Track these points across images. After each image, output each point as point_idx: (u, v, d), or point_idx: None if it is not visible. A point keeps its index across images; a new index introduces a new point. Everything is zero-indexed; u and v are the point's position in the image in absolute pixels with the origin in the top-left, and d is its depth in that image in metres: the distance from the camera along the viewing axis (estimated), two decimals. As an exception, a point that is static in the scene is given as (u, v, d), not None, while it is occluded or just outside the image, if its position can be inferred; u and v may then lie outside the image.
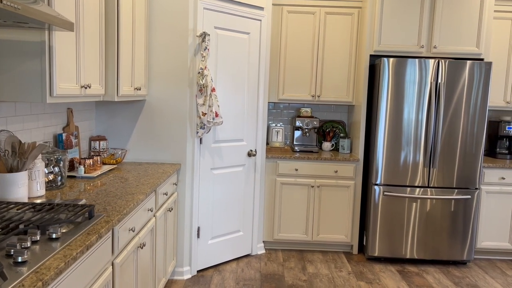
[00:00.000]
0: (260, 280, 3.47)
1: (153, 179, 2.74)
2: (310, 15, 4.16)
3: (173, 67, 3.30)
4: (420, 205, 3.84)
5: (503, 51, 4.15)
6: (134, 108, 3.34)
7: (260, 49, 3.81)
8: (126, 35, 2.76)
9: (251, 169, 3.89)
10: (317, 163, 4.00)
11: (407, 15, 3.84)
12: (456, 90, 3.73)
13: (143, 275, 2.47)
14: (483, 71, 3.70)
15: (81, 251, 1.53)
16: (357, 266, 3.83)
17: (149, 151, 3.37)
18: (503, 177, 3.95)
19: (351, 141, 4.31)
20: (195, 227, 3.49)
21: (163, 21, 3.25)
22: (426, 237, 3.87)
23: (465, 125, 3.76)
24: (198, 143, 3.43)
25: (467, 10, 3.82)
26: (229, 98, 3.61)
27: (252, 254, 4.00)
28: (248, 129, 3.82)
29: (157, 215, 2.74)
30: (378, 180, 3.84)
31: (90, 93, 2.36)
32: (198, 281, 3.42)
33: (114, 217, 1.90)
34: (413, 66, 3.71)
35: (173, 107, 3.33)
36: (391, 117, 3.77)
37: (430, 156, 3.79)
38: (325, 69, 4.22)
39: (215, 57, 3.46)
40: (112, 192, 2.34)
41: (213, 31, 3.41)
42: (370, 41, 3.91)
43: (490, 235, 4.02)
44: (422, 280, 3.58)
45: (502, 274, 3.78)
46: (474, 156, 3.78)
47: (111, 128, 3.36)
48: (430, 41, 3.87)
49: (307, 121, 4.35)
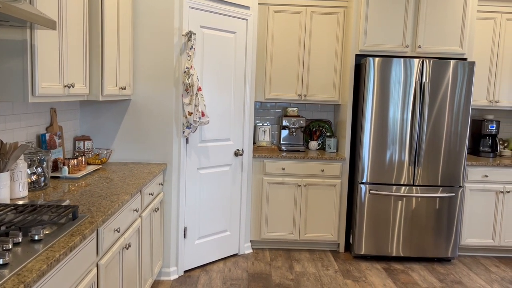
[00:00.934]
0: (247, 280, 3.47)
1: (139, 179, 2.72)
2: (296, 14, 4.17)
3: (158, 66, 3.27)
4: (406, 203, 3.88)
5: (486, 50, 4.22)
6: (120, 108, 3.31)
7: (247, 49, 3.81)
8: (111, 34, 2.73)
9: (238, 168, 3.88)
10: (304, 162, 4.02)
11: (392, 15, 3.88)
12: (440, 89, 3.77)
13: (128, 276, 2.45)
14: (466, 70, 3.75)
15: (64, 253, 1.51)
16: (343, 264, 3.86)
17: (134, 151, 3.34)
18: (486, 175, 4.01)
19: (337, 140, 4.34)
20: (182, 227, 3.47)
21: (148, 20, 3.23)
22: (411, 235, 3.91)
23: (449, 124, 3.81)
24: (185, 142, 3.41)
25: (450, 10, 3.87)
26: (215, 97, 3.60)
27: (239, 253, 4.00)
28: (235, 128, 3.82)
29: (143, 215, 2.72)
30: (364, 179, 3.87)
31: (74, 92, 2.33)
32: (185, 282, 3.40)
33: (98, 218, 1.88)
34: (398, 65, 3.74)
35: (159, 107, 3.30)
36: (376, 116, 3.80)
37: (415, 154, 3.83)
38: (312, 69, 4.24)
39: (201, 56, 3.44)
40: (97, 193, 2.32)
41: (199, 30, 3.40)
42: (355, 41, 3.94)
43: (473, 232, 4.08)
44: (407, 277, 3.62)
45: (485, 270, 3.84)
46: (458, 155, 3.84)
47: (96, 128, 3.32)
48: (415, 41, 3.91)
49: (294, 121, 4.36)
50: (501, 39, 4.19)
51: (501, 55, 4.21)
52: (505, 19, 4.17)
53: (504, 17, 4.17)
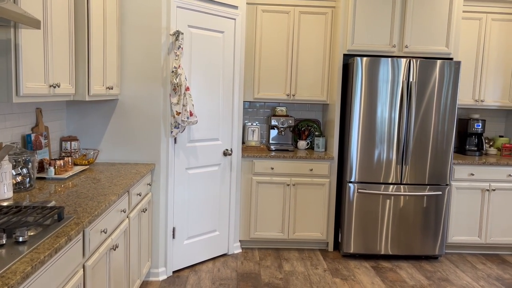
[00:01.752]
0: (236, 279, 3.47)
1: (126, 179, 2.70)
2: (285, 14, 4.18)
3: (146, 66, 3.26)
4: (394, 201, 3.92)
5: (471, 50, 4.27)
6: (107, 108, 3.28)
7: (235, 48, 3.80)
8: (97, 33, 2.71)
9: (227, 168, 3.88)
10: (293, 162, 4.03)
11: (379, 15, 3.91)
12: (427, 88, 3.81)
13: (116, 277, 2.43)
14: (452, 70, 3.80)
15: (49, 254, 1.49)
16: (332, 263, 3.88)
17: (122, 151, 3.32)
18: (472, 173, 4.06)
19: (326, 139, 4.36)
20: (170, 228, 3.45)
21: (135, 20, 3.21)
22: (399, 233, 3.94)
23: (436, 123, 3.85)
24: (173, 142, 3.40)
25: (437, 10, 3.91)
26: (203, 97, 3.59)
27: (228, 253, 4.00)
28: (224, 128, 3.81)
29: (130, 216, 2.70)
30: (353, 178, 3.89)
31: (60, 92, 2.31)
32: (173, 282, 3.39)
33: (84, 218, 1.87)
34: (386, 65, 3.77)
35: (146, 107, 3.28)
36: (364, 115, 3.83)
37: (403, 153, 3.86)
38: (300, 68, 4.25)
39: (189, 56, 3.43)
40: (84, 193, 2.30)
41: (186, 29, 3.38)
42: (343, 41, 3.96)
43: (460, 230, 4.13)
44: (395, 275, 3.65)
45: (472, 267, 3.89)
46: (444, 153, 3.88)
47: (82, 128, 3.29)
48: (402, 41, 3.94)
49: (283, 120, 4.37)
50: (487, 39, 4.25)
51: (487, 55, 4.27)
52: (490, 19, 4.22)
53: (489, 17, 4.22)
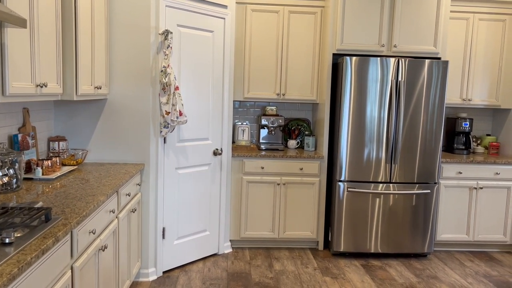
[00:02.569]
0: (227, 279, 3.46)
1: (115, 179, 2.69)
2: (274, 13, 4.18)
3: (135, 65, 3.24)
4: (383, 200, 3.94)
5: (459, 50, 4.31)
6: (95, 108, 3.25)
7: (225, 47, 3.80)
8: (85, 32, 2.68)
9: (217, 168, 3.87)
10: (283, 161, 4.03)
11: (368, 14, 3.93)
12: (415, 88, 3.84)
13: (105, 278, 2.41)
14: (440, 69, 3.83)
15: (36, 256, 1.48)
16: (322, 262, 3.89)
17: (111, 151, 3.29)
18: (460, 172, 4.11)
19: (315, 138, 4.37)
20: (160, 228, 3.44)
21: (124, 19, 3.19)
22: (389, 232, 3.97)
23: (425, 122, 3.88)
24: (162, 142, 3.38)
25: (424, 10, 3.94)
26: (193, 96, 3.58)
27: (219, 253, 3.99)
28: (213, 127, 3.80)
29: (119, 216, 2.69)
30: (342, 177, 3.91)
31: (47, 92, 2.29)
32: (163, 282, 3.37)
33: (72, 219, 1.85)
34: (375, 64, 3.79)
35: (135, 106, 3.26)
36: (354, 114, 3.85)
37: (392, 152, 3.89)
38: (290, 68, 4.26)
39: (179, 55, 3.42)
40: (72, 194, 2.27)
41: (176, 29, 3.37)
42: (332, 40, 3.97)
43: (448, 227, 4.17)
44: (385, 273, 3.67)
45: (460, 265, 3.93)
46: (433, 152, 3.91)
47: (71, 128, 3.26)
48: (390, 40, 3.97)
49: (273, 120, 4.37)
50: (474, 38, 4.29)
51: (474, 54, 4.31)
52: (477, 19, 4.27)
53: (476, 17, 4.27)
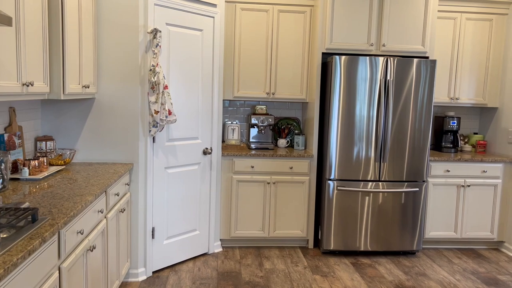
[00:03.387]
0: (217, 279, 3.46)
1: (104, 179, 2.66)
2: (263, 12, 4.18)
3: (123, 64, 3.21)
4: (372, 198, 3.97)
5: (446, 49, 4.35)
6: (83, 107, 3.22)
7: (214, 46, 3.79)
8: (72, 30, 2.65)
9: (207, 167, 3.86)
10: (273, 160, 4.04)
11: (357, 14, 3.95)
12: (404, 87, 3.87)
13: (94, 279, 2.39)
14: (428, 68, 3.86)
15: (23, 257, 1.46)
16: (312, 260, 3.90)
17: (99, 151, 3.27)
18: (448, 170, 4.15)
19: (305, 137, 4.38)
20: (150, 228, 3.42)
21: (112, 17, 3.16)
22: (378, 230, 4.00)
23: (413, 120, 3.91)
24: (151, 142, 3.36)
25: (412, 10, 3.97)
26: (182, 95, 3.56)
27: (209, 252, 3.98)
28: (203, 127, 3.79)
29: (108, 216, 2.66)
30: (332, 175, 3.92)
31: (33, 91, 2.26)
32: (153, 282, 3.36)
33: (60, 220, 1.83)
34: (364, 63, 3.81)
35: (124, 105, 3.24)
36: (343, 113, 3.86)
37: (381, 151, 3.92)
38: (279, 67, 4.26)
39: (168, 54, 3.40)
40: (59, 194, 2.25)
41: (164, 27, 3.35)
42: (322, 39, 3.98)
43: (437, 225, 4.21)
44: (374, 271, 3.70)
45: (448, 262, 3.97)
46: (421, 150, 3.95)
47: (58, 128, 3.23)
48: (379, 40, 3.99)
49: (263, 119, 4.37)
50: (461, 38, 4.34)
51: (461, 54, 4.36)
52: (464, 18, 4.31)
53: (463, 16, 4.31)
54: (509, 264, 3.96)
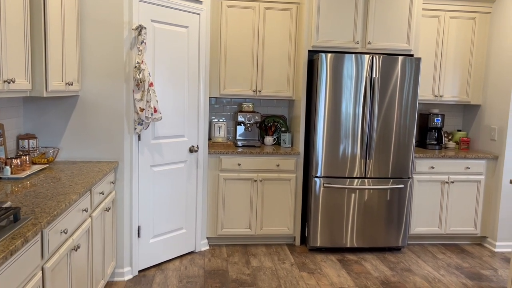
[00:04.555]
0: (204, 277, 3.44)
1: (88, 178, 2.63)
2: (250, 10, 4.16)
3: (108, 61, 3.17)
4: (359, 195, 3.99)
5: (431, 47, 4.40)
6: (67, 104, 3.17)
7: (200, 44, 3.76)
8: (55, 26, 2.61)
9: (193, 165, 3.84)
10: (260, 158, 4.03)
11: (342, 11, 3.96)
12: (389, 84, 3.90)
13: (78, 279, 2.36)
14: (413, 66, 3.90)
15: (4, 257, 1.43)
16: (299, 257, 3.92)
17: (84, 149, 3.22)
18: (432, 166, 4.20)
19: (292, 135, 4.39)
20: (135, 227, 3.39)
21: (96, 13, 3.11)
22: (364, 226, 4.03)
23: (398, 118, 3.94)
24: (137, 139, 3.33)
25: (397, 8, 4.00)
26: (168, 93, 3.53)
27: (196, 251, 3.96)
28: (189, 124, 3.77)
29: (93, 215, 2.63)
30: (318, 173, 3.94)
31: (14, 88, 2.21)
32: (139, 282, 3.33)
33: (43, 219, 1.80)
34: (350, 61, 3.83)
35: (109, 103, 3.20)
36: (329, 111, 3.88)
37: (367, 148, 3.94)
38: (266, 64, 4.25)
39: (153, 51, 3.36)
40: (42, 193, 2.21)
41: (150, 24, 3.31)
42: (308, 37, 3.99)
43: (421, 221, 4.26)
44: (360, 267, 3.73)
45: (433, 257, 4.02)
46: (406, 147, 3.99)
47: (41, 126, 3.17)
48: (365, 37, 4.01)
49: (249, 116, 4.36)
50: (445, 36, 4.39)
51: (445, 52, 4.41)
52: (448, 17, 4.36)
53: (447, 15, 4.36)
54: (492, 259, 4.03)
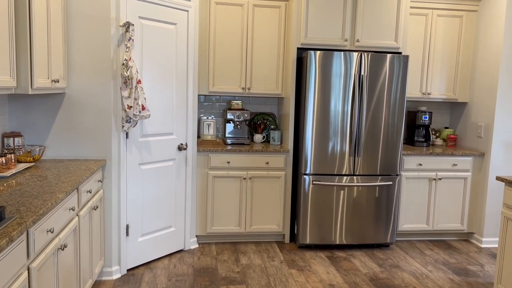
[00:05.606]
0: (193, 275, 3.43)
1: (75, 176, 2.59)
2: (238, 7, 4.15)
3: (95, 58, 3.13)
4: (347, 192, 4.01)
5: (418, 45, 4.43)
6: (53, 102, 3.13)
7: (188, 41, 3.74)
8: (40, 23, 2.56)
9: (182, 163, 3.82)
10: (249, 155, 4.03)
11: (331, 9, 3.97)
12: (378, 82, 3.92)
13: (65, 278, 2.33)
14: (401, 64, 3.92)
15: (-12, 257, 1.40)
16: (289, 254, 3.92)
17: (71, 147, 3.18)
18: (420, 164, 4.24)
19: (281, 132, 4.39)
20: (124, 225, 3.36)
21: (82, 9, 3.07)
22: (353, 223, 4.05)
23: (387, 115, 3.97)
24: (124, 137, 3.30)
25: (386, 6, 4.02)
26: (156, 90, 3.51)
27: (185, 249, 3.95)
28: (178, 122, 3.74)
29: (80, 214, 2.60)
30: (308, 170, 3.95)
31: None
32: (128, 280, 3.30)
33: (28, 218, 1.77)
34: (339, 59, 3.84)
35: (96, 100, 3.16)
36: (318, 108, 3.88)
37: (355, 145, 3.96)
38: (255, 62, 4.24)
39: (141, 48, 3.33)
40: (28, 192, 2.18)
41: (137, 21, 3.28)
42: (297, 34, 3.99)
43: (409, 218, 4.30)
44: (349, 264, 3.75)
45: (420, 254, 4.06)
46: (394, 145, 4.01)
47: (27, 124, 3.12)
48: (353, 35, 4.02)
49: (238, 114, 4.35)
50: (433, 34, 4.42)
51: (433, 50, 4.44)
52: (436, 15, 4.40)
53: (435, 13, 4.39)
54: (479, 255, 4.08)
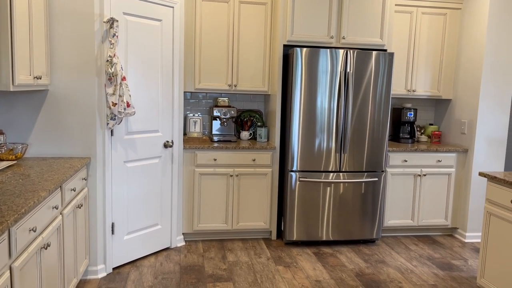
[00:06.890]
0: (179, 273, 3.42)
1: (59, 174, 2.56)
2: (224, 3, 4.13)
3: (78, 54, 3.09)
4: (334, 189, 4.03)
5: (403, 42, 4.47)
6: (36, 99, 3.08)
7: (174, 37, 3.71)
8: (21, 18, 2.52)
9: (168, 160, 3.80)
10: (236, 152, 4.02)
11: (317, 6, 3.97)
12: (363, 79, 3.94)
13: (49, 277, 2.30)
14: (386, 61, 3.95)
15: (-33, 257, 1.38)
16: (275, 251, 3.93)
17: (54, 145, 3.14)
18: (405, 160, 4.28)
19: (268, 129, 4.39)
20: (109, 223, 3.33)
21: (65, 5, 3.02)
22: (339, 219, 4.07)
23: (372, 112, 4.00)
24: (109, 135, 3.26)
25: (371, 3, 4.04)
26: (142, 87, 3.47)
27: (171, 247, 3.93)
28: (164, 119, 3.72)
29: (64, 212, 2.57)
30: (294, 167, 3.96)
31: (-21, 82, 2.13)
32: (114, 279, 3.28)
33: (9, 217, 1.74)
34: (325, 56, 3.85)
35: (80, 97, 3.12)
36: (305, 105, 3.89)
37: (341, 142, 3.98)
38: (241, 59, 4.23)
39: (125, 44, 3.30)
40: (9, 190, 2.14)
41: (122, 17, 3.25)
42: (283, 31, 3.98)
43: (395, 213, 4.34)
44: (336, 260, 3.77)
45: (406, 249, 4.11)
46: (380, 141, 4.04)
47: (9, 121, 3.07)
48: (339, 32, 4.04)
49: (225, 111, 4.34)
50: (417, 31, 4.46)
51: (417, 47, 4.48)
52: (420, 12, 4.44)
53: (419, 11, 4.43)
54: (462, 249, 4.14)
